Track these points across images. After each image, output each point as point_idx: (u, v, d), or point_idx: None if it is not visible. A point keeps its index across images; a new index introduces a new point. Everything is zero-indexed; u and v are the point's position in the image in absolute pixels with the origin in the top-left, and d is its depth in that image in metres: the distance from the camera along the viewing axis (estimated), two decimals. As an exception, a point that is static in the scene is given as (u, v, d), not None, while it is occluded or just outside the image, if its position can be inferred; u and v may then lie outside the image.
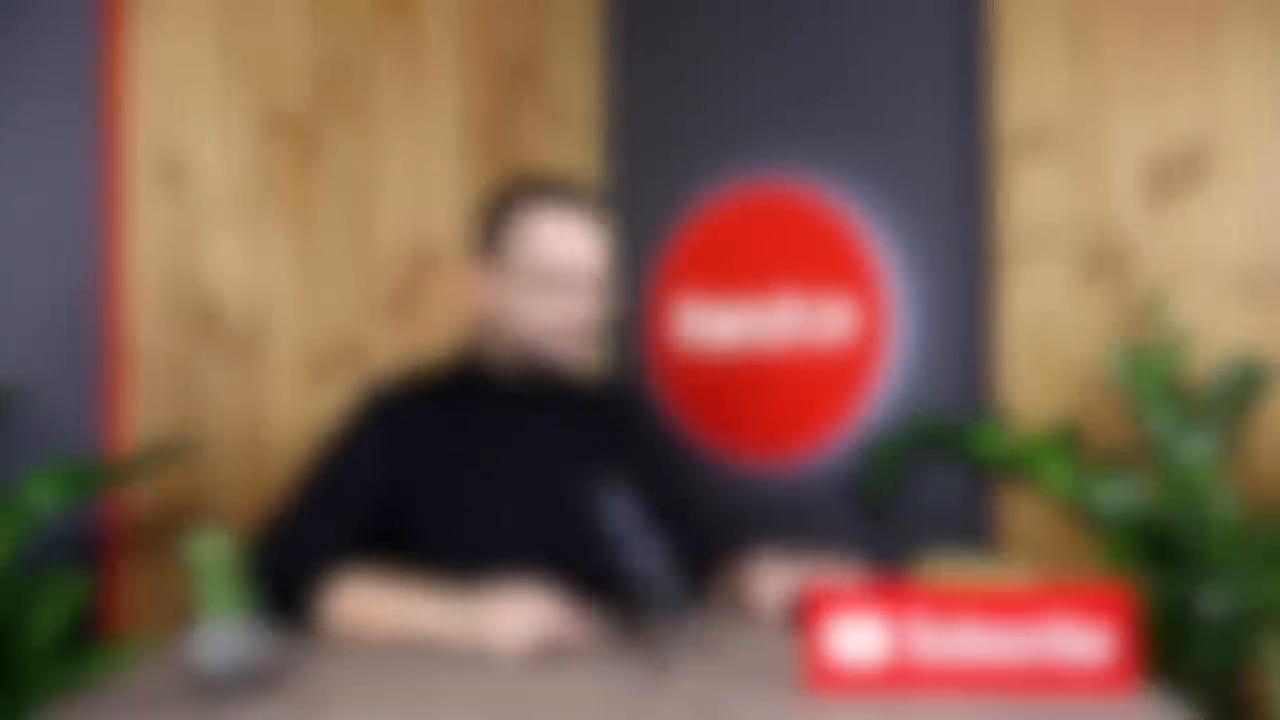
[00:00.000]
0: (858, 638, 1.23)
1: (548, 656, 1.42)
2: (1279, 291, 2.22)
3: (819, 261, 2.54)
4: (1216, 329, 2.23)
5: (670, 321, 2.70)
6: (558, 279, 1.69)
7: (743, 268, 2.61)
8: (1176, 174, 2.29)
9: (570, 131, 2.79)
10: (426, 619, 1.52)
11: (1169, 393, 2.12)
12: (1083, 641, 1.21)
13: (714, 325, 2.64)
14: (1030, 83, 2.39)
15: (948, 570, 1.46)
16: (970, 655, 1.22)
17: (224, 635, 1.26)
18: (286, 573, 1.61)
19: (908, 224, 2.47)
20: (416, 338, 2.51)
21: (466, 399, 1.76)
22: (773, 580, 1.65)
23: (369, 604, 1.57)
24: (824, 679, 1.23)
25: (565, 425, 1.80)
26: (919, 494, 2.42)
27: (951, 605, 1.22)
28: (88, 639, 2.05)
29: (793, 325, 2.56)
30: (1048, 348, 2.36)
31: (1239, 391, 2.12)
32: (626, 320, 2.79)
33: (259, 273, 2.35)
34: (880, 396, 2.47)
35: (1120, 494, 2.14)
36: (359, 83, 2.49)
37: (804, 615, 1.49)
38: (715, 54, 2.68)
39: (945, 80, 2.46)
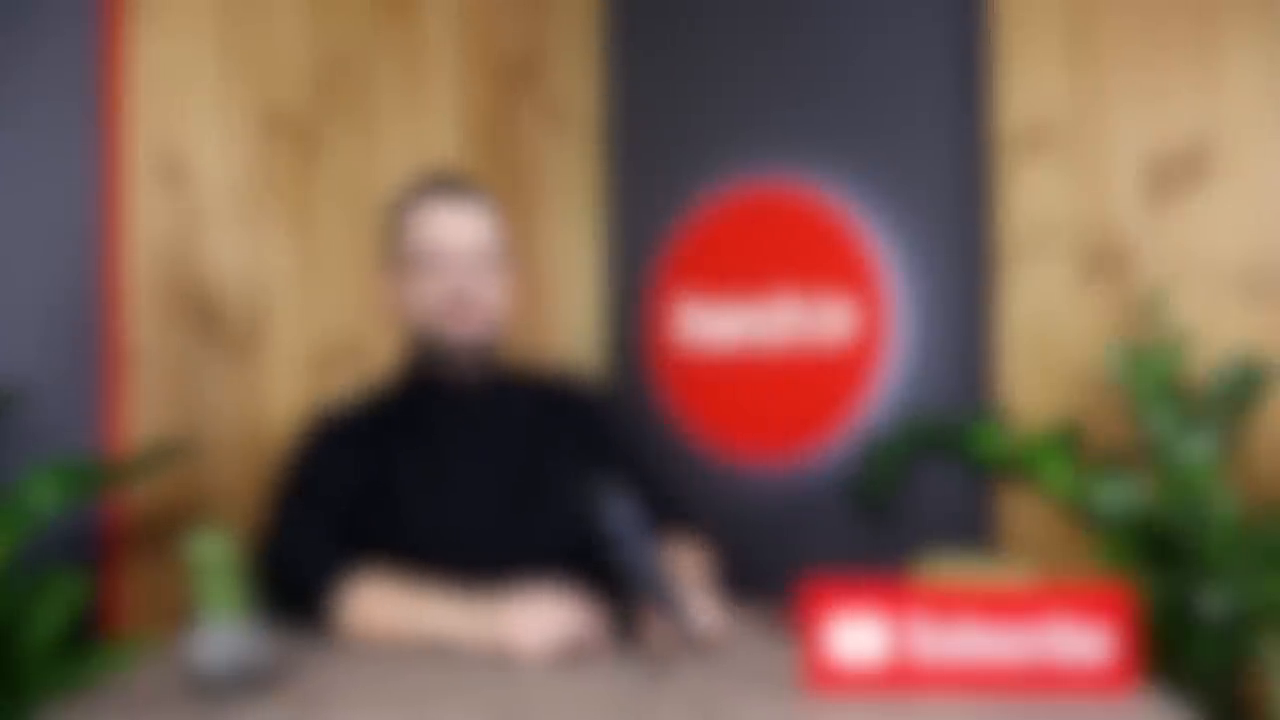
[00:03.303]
0: (858, 638, 1.23)
1: (568, 658, 1.42)
2: (1279, 291, 2.22)
3: (819, 261, 2.54)
4: (1216, 329, 2.23)
5: (670, 321, 2.70)
6: (438, 258, 1.75)
7: (743, 268, 2.61)
8: (1176, 174, 2.29)
9: (570, 131, 2.79)
10: (448, 622, 1.53)
11: (1169, 393, 2.12)
12: (1083, 641, 1.21)
13: (714, 325, 2.64)
14: (1030, 83, 2.39)
15: (948, 570, 1.46)
16: (970, 655, 1.22)
17: (224, 635, 1.26)
18: (300, 576, 1.62)
19: (908, 224, 2.47)
20: (416, 338, 2.51)
21: (414, 409, 1.80)
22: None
23: (389, 606, 1.58)
24: (824, 679, 1.23)
25: (516, 424, 1.83)
26: (919, 494, 2.42)
27: (951, 605, 1.22)
28: (88, 639, 2.05)
29: (792, 325, 2.56)
30: (1048, 348, 2.36)
31: (1239, 391, 2.12)
32: (626, 320, 2.79)
33: (259, 272, 2.35)
34: (880, 396, 2.47)
35: (1120, 494, 2.14)
36: (359, 83, 2.48)
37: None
38: (715, 54, 2.68)
39: (945, 80, 2.46)
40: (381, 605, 1.58)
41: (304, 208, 2.41)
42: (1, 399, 2.04)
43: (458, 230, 1.77)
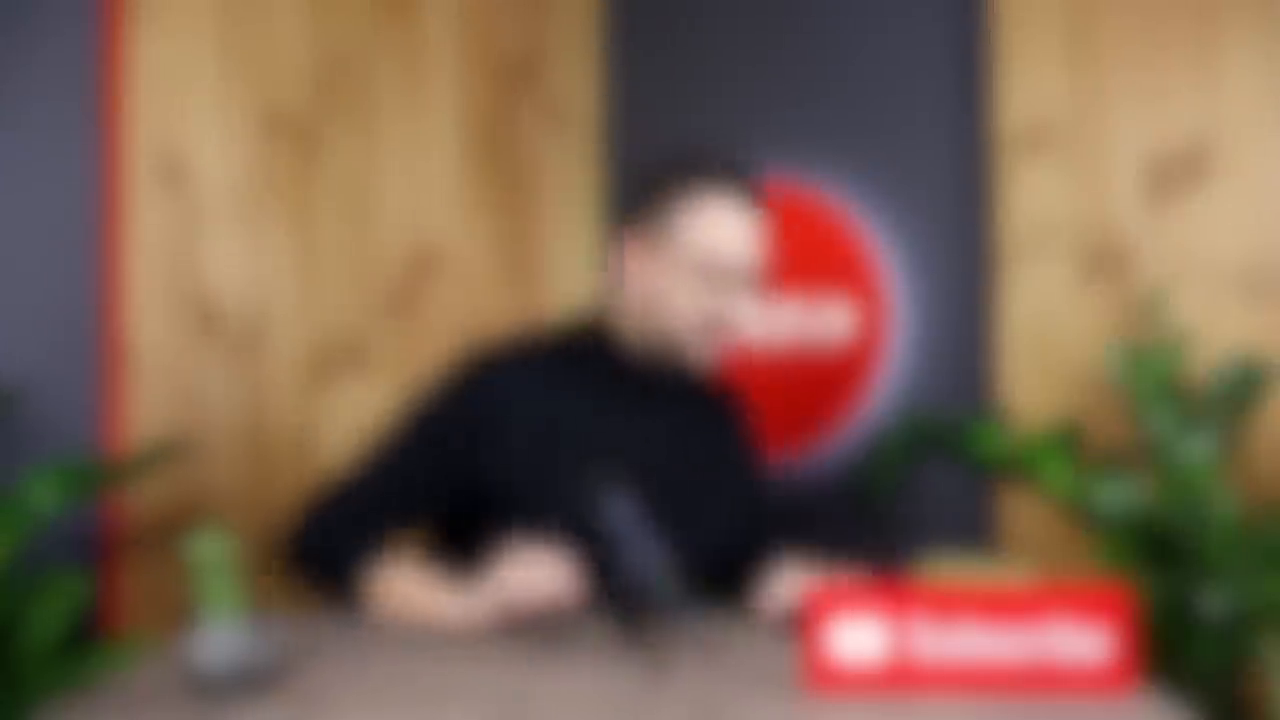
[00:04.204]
0: (858, 638, 1.23)
1: (549, 615, 1.44)
2: (1279, 291, 2.22)
3: (819, 261, 2.54)
4: (1216, 329, 2.23)
5: (670, 321, 2.70)
6: (721, 273, 1.58)
7: (743, 268, 2.61)
8: (1176, 174, 2.29)
9: (570, 131, 2.79)
10: (443, 604, 1.54)
11: (1169, 393, 2.12)
12: (1083, 641, 1.21)
13: (714, 325, 2.64)
14: (1030, 83, 2.39)
15: (948, 570, 1.46)
16: (970, 655, 1.22)
17: (224, 635, 1.26)
18: (334, 546, 1.62)
19: (908, 224, 2.47)
20: (416, 338, 2.51)
21: (580, 374, 1.66)
22: (785, 584, 1.61)
23: (398, 590, 1.58)
24: (824, 679, 1.23)
25: (677, 418, 1.73)
26: (919, 494, 2.42)
27: (951, 605, 1.22)
28: (88, 639, 2.05)
29: (792, 325, 2.56)
30: (1048, 348, 2.36)
31: (1239, 391, 2.12)
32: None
33: (259, 273, 2.35)
34: (880, 396, 2.47)
35: (1120, 494, 2.14)
36: (359, 83, 2.48)
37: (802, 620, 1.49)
38: (715, 54, 2.68)
39: (945, 80, 2.46)
40: (392, 589, 1.58)
41: (304, 208, 2.41)
42: (1, 399, 2.04)
43: (743, 245, 1.58)
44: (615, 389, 1.68)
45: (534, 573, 1.46)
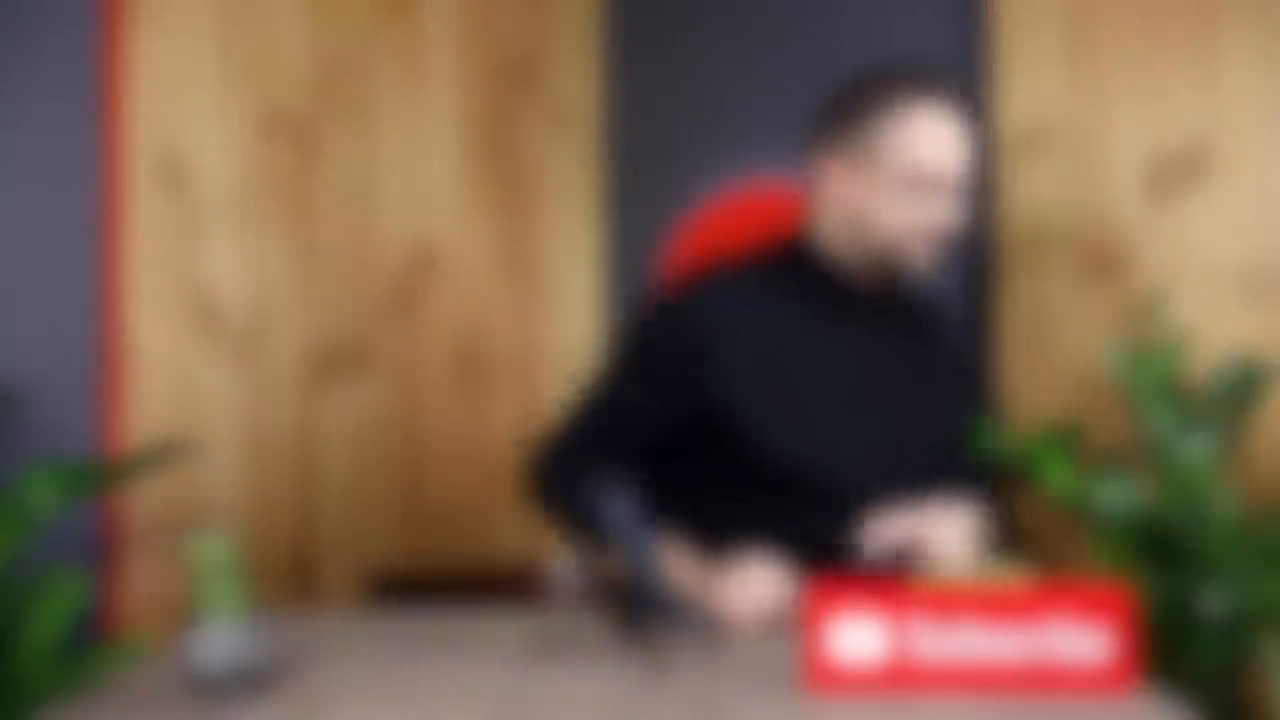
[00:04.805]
0: (858, 638, 1.23)
1: (772, 624, 1.53)
2: (1279, 291, 2.22)
3: (819, 261, 2.53)
4: (1216, 329, 2.24)
5: (670, 321, 2.70)
6: (930, 183, 1.59)
7: (743, 268, 2.61)
8: (1176, 174, 2.29)
9: (570, 132, 2.79)
10: (680, 576, 1.59)
11: (1169, 393, 2.12)
12: (1083, 641, 1.21)
13: (714, 325, 2.64)
14: (1030, 83, 2.40)
15: (948, 570, 1.46)
16: (970, 655, 1.22)
17: (224, 635, 1.26)
18: (573, 486, 1.65)
19: (908, 224, 2.47)
20: (416, 338, 2.51)
21: (789, 296, 1.67)
22: (881, 531, 1.62)
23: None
24: (824, 679, 1.23)
25: (887, 336, 1.72)
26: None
27: (951, 605, 1.22)
28: (88, 639, 2.05)
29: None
30: (1048, 348, 2.36)
31: (1239, 391, 2.12)
32: (627, 320, 2.79)
33: (259, 273, 2.35)
34: (880, 396, 2.47)
35: (1120, 494, 2.14)
36: (359, 83, 2.49)
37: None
38: (715, 54, 2.68)
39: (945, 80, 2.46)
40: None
41: (304, 208, 2.41)
42: (1, 399, 2.04)
43: (950, 156, 1.59)
44: (825, 309, 1.69)
45: (751, 591, 1.54)
